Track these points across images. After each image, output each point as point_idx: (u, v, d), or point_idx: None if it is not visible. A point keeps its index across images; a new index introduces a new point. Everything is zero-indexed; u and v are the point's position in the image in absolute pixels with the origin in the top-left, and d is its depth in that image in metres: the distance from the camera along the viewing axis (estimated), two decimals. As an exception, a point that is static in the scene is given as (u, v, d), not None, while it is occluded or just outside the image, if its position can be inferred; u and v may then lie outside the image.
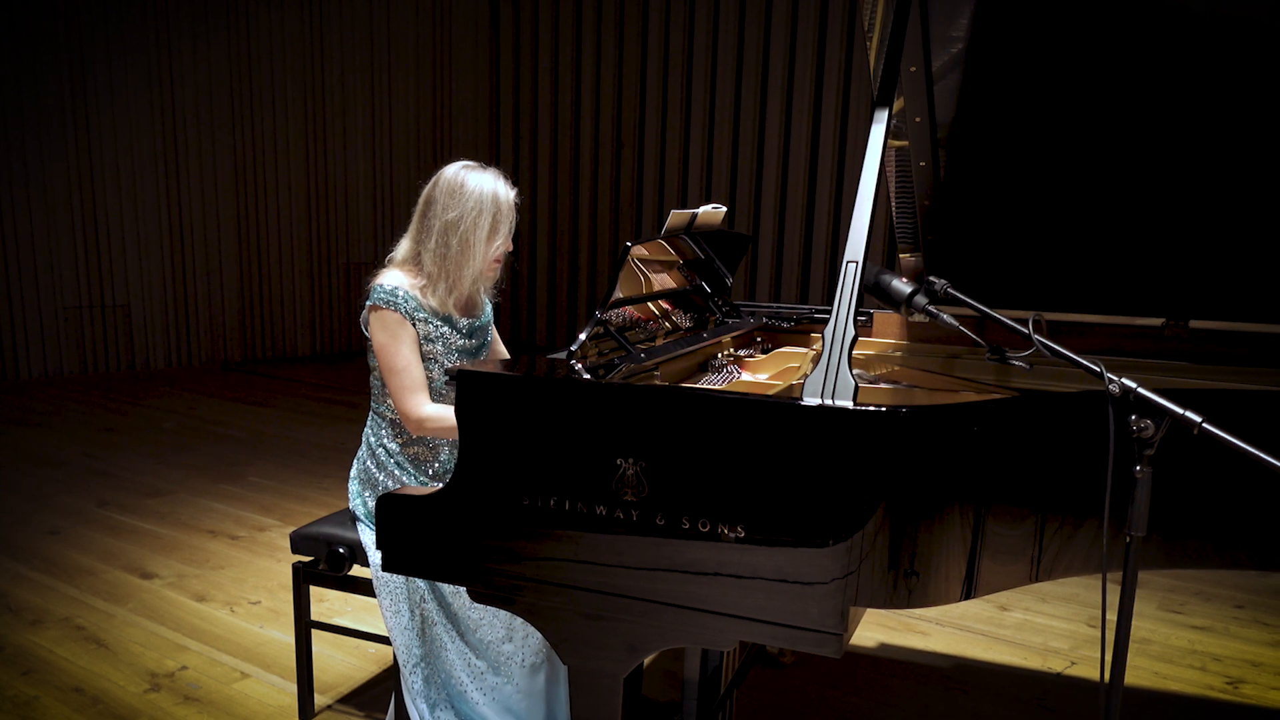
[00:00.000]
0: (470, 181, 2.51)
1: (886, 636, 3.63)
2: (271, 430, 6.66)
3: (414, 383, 2.48)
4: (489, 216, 2.51)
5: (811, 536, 1.74)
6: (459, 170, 2.54)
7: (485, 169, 2.56)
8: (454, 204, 2.50)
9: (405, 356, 2.48)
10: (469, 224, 2.49)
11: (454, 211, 2.50)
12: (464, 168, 2.55)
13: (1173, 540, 2.07)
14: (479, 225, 2.50)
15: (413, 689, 2.54)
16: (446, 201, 2.51)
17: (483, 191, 2.50)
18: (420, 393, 2.48)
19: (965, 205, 2.83)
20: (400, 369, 2.47)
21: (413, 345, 2.50)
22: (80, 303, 8.09)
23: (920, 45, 2.44)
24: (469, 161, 2.58)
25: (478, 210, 2.49)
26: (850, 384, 1.77)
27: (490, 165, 2.57)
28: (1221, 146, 2.50)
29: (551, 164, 9.71)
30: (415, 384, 2.48)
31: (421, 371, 2.50)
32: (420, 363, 2.51)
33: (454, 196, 2.50)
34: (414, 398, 2.47)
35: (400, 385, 2.48)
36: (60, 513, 4.82)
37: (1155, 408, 1.66)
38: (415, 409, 2.47)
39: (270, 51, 8.84)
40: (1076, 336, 2.80)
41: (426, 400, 2.49)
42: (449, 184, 2.52)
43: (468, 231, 2.50)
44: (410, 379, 2.47)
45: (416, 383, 2.48)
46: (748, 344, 3.03)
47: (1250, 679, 3.33)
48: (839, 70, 7.98)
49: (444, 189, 2.52)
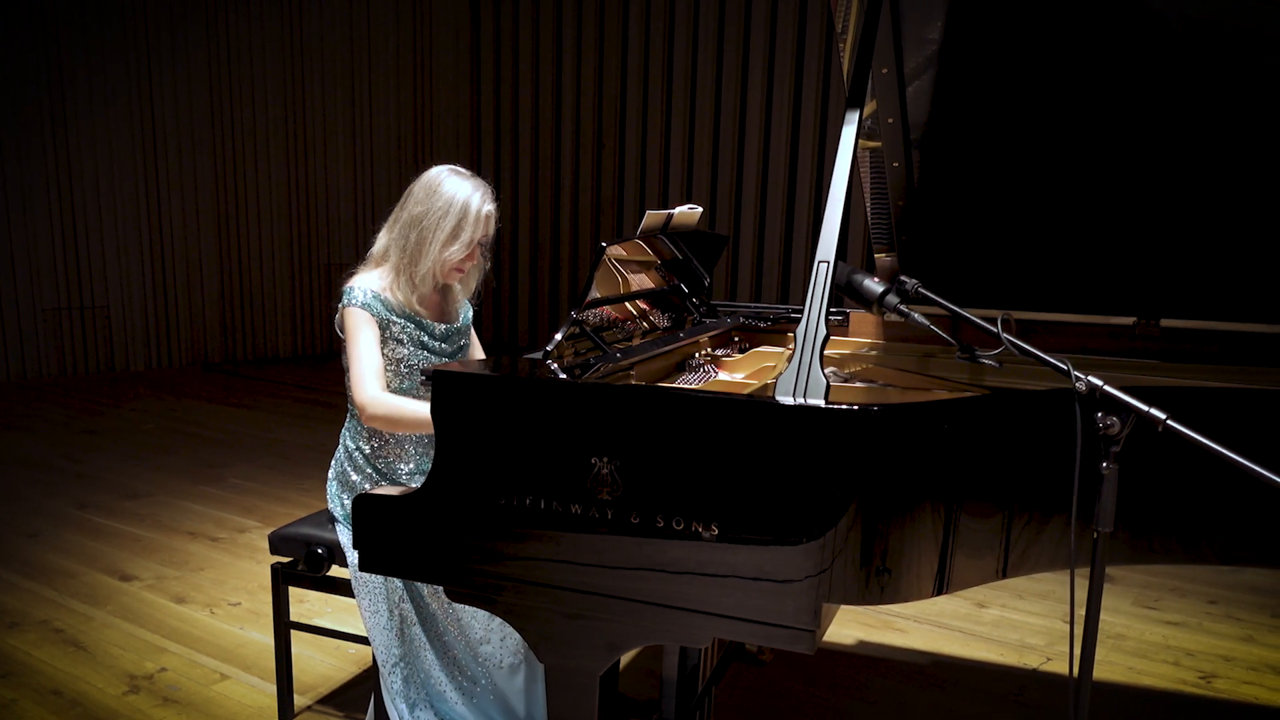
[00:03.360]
0: (447, 184, 2.52)
1: (865, 634, 3.66)
2: (252, 431, 6.64)
3: (367, 367, 2.47)
4: (453, 220, 2.51)
5: (784, 535, 1.76)
6: (442, 170, 2.55)
7: (471, 178, 2.56)
8: (424, 200, 2.51)
9: (363, 345, 2.49)
10: (431, 222, 2.50)
11: (421, 207, 2.51)
12: (449, 170, 2.55)
13: (1139, 536, 2.10)
14: (440, 226, 2.50)
15: (392, 689, 2.54)
16: (420, 196, 2.53)
17: (454, 196, 2.51)
18: (370, 377, 2.46)
19: (940, 205, 2.86)
20: (356, 357, 2.48)
21: (373, 339, 2.51)
22: (59, 304, 8.04)
23: (892, 47, 2.47)
24: (459, 168, 2.58)
25: (444, 212, 2.50)
26: (821, 382, 1.79)
27: (476, 173, 2.58)
28: (1192, 147, 2.53)
29: (532, 164, 9.71)
30: (368, 369, 2.47)
31: (379, 361, 2.50)
32: (378, 353, 2.51)
33: (427, 193, 2.52)
34: (363, 381, 2.46)
35: (355, 373, 2.48)
36: (39, 515, 4.80)
37: (1121, 405, 1.69)
38: (361, 391, 2.45)
39: (250, 50, 8.81)
40: (1051, 335, 2.83)
41: (375, 386, 2.46)
42: (428, 181, 2.54)
43: (427, 229, 2.50)
44: (363, 365, 2.47)
45: (370, 368, 2.47)
46: (725, 344, 3.04)
47: (1222, 674, 3.37)
48: (818, 70, 8.02)
49: (422, 184, 2.54)
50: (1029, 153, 2.71)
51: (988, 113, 2.70)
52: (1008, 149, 2.73)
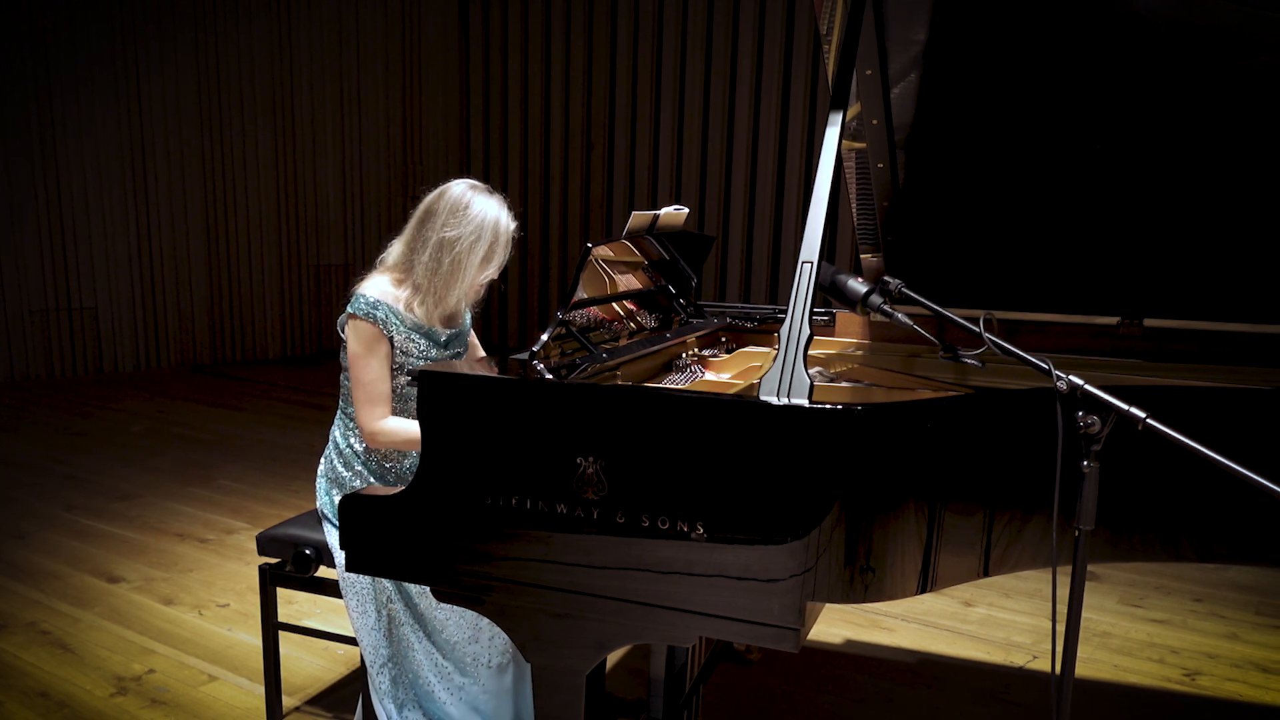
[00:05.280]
0: (476, 204, 2.49)
1: (852, 633, 3.67)
2: (241, 433, 6.63)
3: (377, 396, 2.48)
4: (486, 243, 2.49)
5: (768, 534, 1.77)
6: (467, 189, 2.51)
7: (493, 194, 2.54)
8: (455, 222, 2.47)
9: (374, 370, 2.48)
10: (465, 246, 2.47)
11: (453, 230, 2.46)
12: (472, 187, 2.52)
13: (1120, 534, 2.11)
14: (475, 250, 2.48)
15: (380, 689, 2.55)
16: (448, 218, 2.47)
17: (485, 217, 2.48)
18: (380, 406, 2.48)
19: (925, 206, 2.88)
20: (366, 381, 2.48)
21: (384, 360, 2.50)
22: (47, 305, 8.01)
23: (875, 50, 2.48)
24: (478, 183, 2.55)
25: (477, 235, 2.47)
26: (805, 382, 1.80)
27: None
28: (1175, 147, 2.55)
29: (522, 165, 9.72)
30: (378, 397, 2.48)
31: (388, 386, 2.50)
32: (388, 377, 2.51)
33: (456, 215, 2.47)
34: (373, 410, 2.48)
35: (363, 396, 2.48)
36: (26, 517, 4.79)
37: (1101, 404, 1.70)
38: (370, 421, 2.48)
39: (238, 50, 8.78)
40: (1035, 335, 2.85)
41: (385, 414, 2.49)
42: (454, 201, 2.49)
43: (463, 253, 2.47)
44: (374, 392, 2.48)
45: (379, 396, 2.48)
46: (712, 344, 3.06)
47: (1206, 671, 3.39)
48: (806, 71, 8.04)
49: (448, 204, 2.49)
50: (1013, 154, 2.73)
51: (972, 114, 2.71)
52: (992, 150, 2.75)
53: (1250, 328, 2.62)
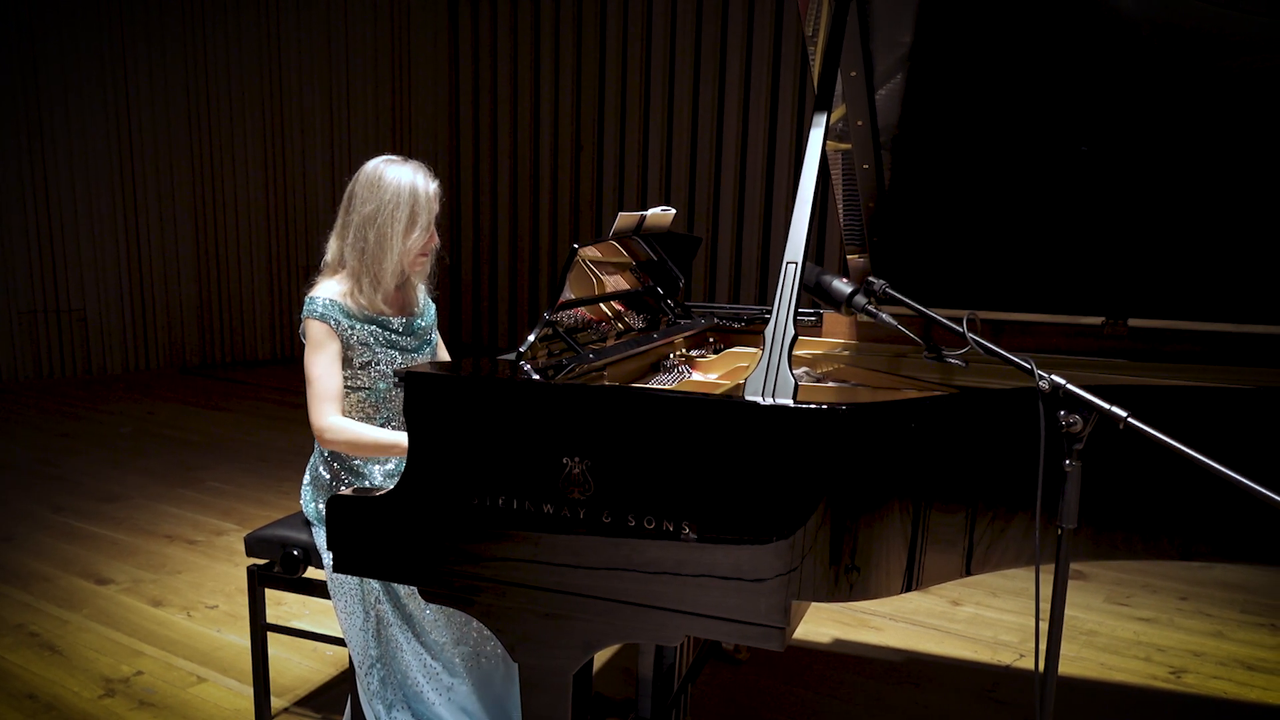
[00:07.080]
0: (388, 174, 2.50)
1: (840, 632, 3.68)
2: (230, 434, 6.62)
3: (324, 392, 2.47)
4: (406, 209, 2.50)
5: (754, 533, 1.78)
6: (378, 164, 2.53)
7: (406, 162, 2.54)
8: (371, 197, 2.49)
9: (321, 367, 2.48)
10: (385, 216, 2.48)
11: (371, 205, 2.49)
12: (384, 161, 2.54)
13: (1103, 532, 2.13)
14: (396, 218, 2.49)
15: (369, 690, 2.55)
16: (365, 195, 2.50)
17: (400, 184, 2.49)
18: (327, 403, 2.47)
19: (910, 207, 2.89)
20: (314, 378, 2.48)
21: (333, 358, 2.50)
22: (35, 307, 7.99)
23: (860, 51, 2.49)
24: (391, 156, 2.57)
25: (394, 203, 2.48)
26: (790, 382, 1.81)
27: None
28: (1159, 148, 2.56)
29: (511, 165, 9.71)
30: (325, 393, 2.47)
31: (337, 384, 2.50)
32: (337, 375, 2.50)
33: (371, 190, 2.49)
34: (320, 406, 2.47)
35: (311, 394, 2.48)
36: (14, 518, 4.78)
37: (1084, 403, 1.71)
38: (319, 418, 2.47)
39: (227, 52, 8.77)
40: (1021, 335, 2.86)
41: (333, 411, 2.48)
42: (368, 178, 2.51)
43: (384, 224, 2.49)
44: (320, 389, 2.47)
45: (325, 393, 2.47)
46: (700, 344, 3.06)
47: (1192, 669, 3.41)
48: (795, 72, 8.07)
49: (363, 183, 2.51)
50: (998, 155, 2.75)
51: (957, 116, 2.73)
52: (978, 152, 2.76)
53: (1234, 327, 2.64)
